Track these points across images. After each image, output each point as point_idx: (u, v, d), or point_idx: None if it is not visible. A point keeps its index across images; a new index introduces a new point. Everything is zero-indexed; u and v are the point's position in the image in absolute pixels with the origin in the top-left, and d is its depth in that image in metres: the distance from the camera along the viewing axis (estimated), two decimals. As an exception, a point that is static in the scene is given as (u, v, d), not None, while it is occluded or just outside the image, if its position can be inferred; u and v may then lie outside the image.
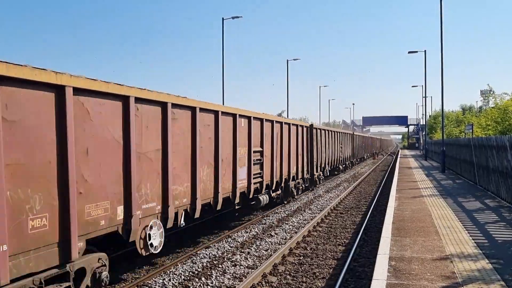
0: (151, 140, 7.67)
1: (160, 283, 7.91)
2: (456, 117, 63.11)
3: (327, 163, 24.71)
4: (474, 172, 19.84)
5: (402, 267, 7.21)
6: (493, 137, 16.00)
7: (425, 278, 6.60)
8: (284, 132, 15.67)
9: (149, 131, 7.60)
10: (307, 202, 17.85)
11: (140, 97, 7.23)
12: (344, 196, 19.35)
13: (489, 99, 49.33)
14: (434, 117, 73.64)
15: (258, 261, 9.33)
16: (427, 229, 10.18)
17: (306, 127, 19.88)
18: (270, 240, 11.21)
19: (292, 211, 15.53)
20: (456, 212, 12.39)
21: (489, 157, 16.22)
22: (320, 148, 22.44)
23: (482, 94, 67.56)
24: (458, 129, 52.89)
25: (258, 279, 8.05)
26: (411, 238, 9.29)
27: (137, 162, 7.18)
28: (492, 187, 16.07)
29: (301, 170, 18.54)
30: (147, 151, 7.56)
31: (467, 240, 9.02)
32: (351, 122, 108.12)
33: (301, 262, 9.34)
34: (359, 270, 8.71)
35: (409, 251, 8.18)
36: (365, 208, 16.48)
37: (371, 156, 60.25)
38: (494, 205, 13.56)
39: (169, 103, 8.10)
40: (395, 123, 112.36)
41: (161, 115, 7.96)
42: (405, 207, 13.32)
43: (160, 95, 7.84)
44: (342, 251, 10.25)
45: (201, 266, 8.90)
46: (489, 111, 33.76)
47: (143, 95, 7.32)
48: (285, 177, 15.89)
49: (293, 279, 8.19)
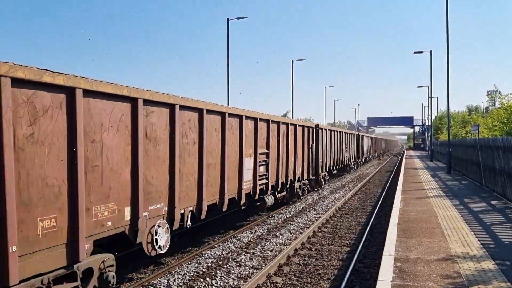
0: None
1: (165, 283, 7.94)
2: (462, 117, 62.71)
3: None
4: (480, 173, 19.73)
5: (407, 268, 7.19)
6: (500, 138, 15.90)
7: (430, 279, 6.58)
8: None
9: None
10: (312, 202, 17.83)
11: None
12: (349, 196, 19.31)
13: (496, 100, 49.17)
14: (440, 117, 73.28)
15: (263, 262, 9.34)
16: (432, 230, 10.14)
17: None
18: (275, 240, 11.21)
19: (297, 212, 15.52)
20: (462, 213, 12.33)
21: (495, 158, 16.13)
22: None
23: (488, 95, 67.25)
24: (464, 129, 52.61)
25: (263, 279, 8.06)
26: (416, 239, 9.25)
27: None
28: (498, 188, 15.97)
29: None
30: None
31: (473, 241, 8.98)
32: (356, 123, 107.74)
33: (306, 262, 9.34)
34: (364, 271, 8.70)
35: (415, 252, 8.16)
36: (370, 209, 16.44)
37: (377, 157, 60.07)
38: (500, 206, 13.48)
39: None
40: (400, 123, 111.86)
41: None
42: (411, 208, 13.27)
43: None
44: (347, 251, 10.23)
45: (206, 266, 8.92)
46: (496, 112, 33.53)
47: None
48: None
49: (298, 280, 8.19)
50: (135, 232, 7.08)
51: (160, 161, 7.77)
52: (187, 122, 8.69)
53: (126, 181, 6.86)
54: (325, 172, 22.52)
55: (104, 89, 6.30)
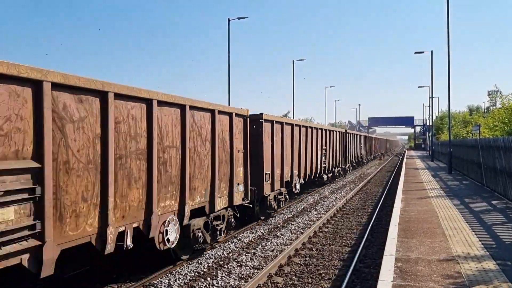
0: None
1: (166, 283, 7.93)
2: (463, 117, 62.65)
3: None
4: (481, 173, 19.70)
5: (408, 268, 7.18)
6: (501, 138, 15.88)
7: (431, 280, 6.57)
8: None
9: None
10: (313, 203, 17.83)
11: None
12: (350, 196, 19.30)
13: (497, 100, 49.01)
14: (440, 117, 73.21)
15: (263, 262, 9.34)
16: (433, 230, 10.13)
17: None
18: (276, 240, 11.21)
19: (298, 212, 15.52)
20: (463, 213, 12.31)
21: (496, 158, 16.11)
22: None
23: (489, 95, 67.15)
24: (465, 129, 52.57)
25: (263, 279, 8.05)
26: (417, 239, 9.24)
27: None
28: (499, 188, 15.95)
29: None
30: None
31: (474, 242, 8.96)
32: (357, 123, 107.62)
33: (307, 262, 9.33)
34: (365, 271, 8.69)
35: (416, 252, 8.14)
36: (371, 209, 16.42)
37: (377, 157, 60.04)
38: (501, 206, 13.46)
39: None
40: (401, 123, 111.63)
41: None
42: (412, 208, 13.26)
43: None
44: (348, 252, 10.23)
45: (207, 267, 8.92)
46: (496, 112, 33.48)
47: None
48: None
49: (298, 280, 8.18)
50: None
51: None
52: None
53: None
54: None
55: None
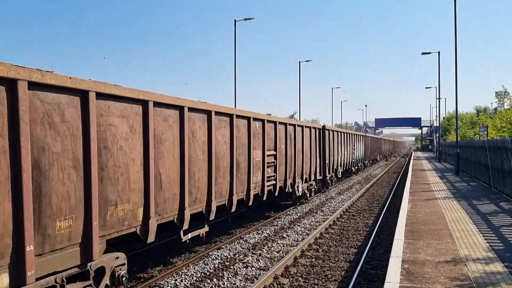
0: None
1: (172, 283, 7.96)
2: (470, 118, 62.17)
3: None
4: (488, 174, 19.57)
5: (415, 270, 7.15)
6: (508, 139, 15.76)
7: (438, 282, 6.54)
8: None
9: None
10: (319, 204, 17.79)
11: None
12: (356, 198, 19.24)
13: (504, 101, 48.53)
14: (448, 118, 72.75)
15: (269, 263, 9.33)
16: (440, 231, 10.08)
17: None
18: (282, 242, 11.20)
19: (304, 213, 15.49)
20: (470, 215, 12.24)
21: (504, 159, 15.99)
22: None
23: (497, 96, 66.54)
24: (473, 131, 52.12)
25: (269, 280, 8.05)
26: (424, 240, 9.20)
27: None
28: (507, 189, 15.83)
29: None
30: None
31: (481, 243, 8.90)
32: (363, 124, 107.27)
33: (313, 264, 9.32)
34: (371, 272, 8.66)
35: (423, 254, 8.11)
36: (378, 210, 16.36)
37: (384, 158, 59.81)
38: (509, 208, 13.36)
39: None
40: (408, 124, 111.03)
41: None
42: (419, 210, 13.20)
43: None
44: (355, 253, 10.20)
45: (213, 267, 8.93)
46: (504, 113, 33.20)
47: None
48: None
49: (305, 281, 8.17)
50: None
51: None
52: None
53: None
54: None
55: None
